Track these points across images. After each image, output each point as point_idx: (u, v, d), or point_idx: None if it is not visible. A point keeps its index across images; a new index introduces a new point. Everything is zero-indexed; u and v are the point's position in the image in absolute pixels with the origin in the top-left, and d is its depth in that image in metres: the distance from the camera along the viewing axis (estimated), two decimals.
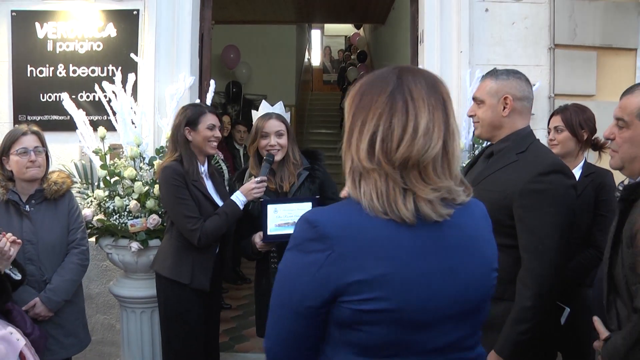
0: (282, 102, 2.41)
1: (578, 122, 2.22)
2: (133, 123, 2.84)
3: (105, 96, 2.88)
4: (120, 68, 3.06)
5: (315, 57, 15.30)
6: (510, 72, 1.75)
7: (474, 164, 1.88)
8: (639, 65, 3.22)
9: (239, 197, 2.20)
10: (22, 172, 2.19)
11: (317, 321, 0.90)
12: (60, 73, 3.16)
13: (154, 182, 2.65)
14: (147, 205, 2.60)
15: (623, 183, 1.54)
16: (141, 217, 2.62)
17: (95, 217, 2.64)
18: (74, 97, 3.04)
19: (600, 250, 1.84)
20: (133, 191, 2.62)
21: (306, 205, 2.08)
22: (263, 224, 2.12)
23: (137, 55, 3.05)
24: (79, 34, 3.17)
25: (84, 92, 3.16)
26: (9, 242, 1.88)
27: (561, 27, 3.15)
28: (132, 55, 3.03)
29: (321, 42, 16.15)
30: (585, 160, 2.25)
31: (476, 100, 1.78)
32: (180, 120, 2.29)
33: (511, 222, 1.59)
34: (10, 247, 1.87)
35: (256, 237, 2.18)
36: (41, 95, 3.16)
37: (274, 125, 2.24)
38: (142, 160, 2.76)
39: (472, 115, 1.80)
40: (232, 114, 7.67)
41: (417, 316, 0.87)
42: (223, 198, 2.32)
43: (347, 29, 14.64)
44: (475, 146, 2.78)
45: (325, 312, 0.90)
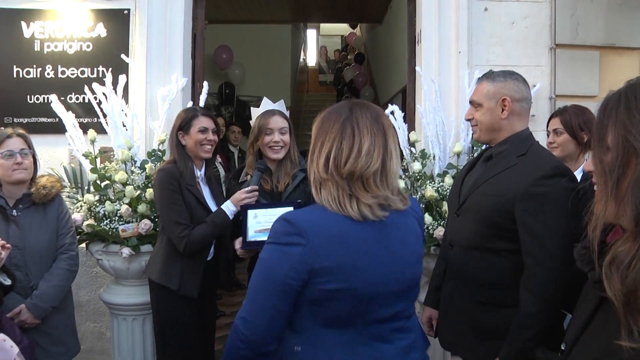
0: (283, 100, 2.41)
1: (578, 123, 2.23)
2: (124, 125, 2.84)
3: (96, 98, 2.88)
4: (110, 69, 3.05)
5: (310, 57, 15.31)
6: (507, 73, 1.76)
7: (472, 166, 1.88)
8: None
9: (228, 207, 2.20)
10: (8, 175, 2.18)
11: (292, 298, 1.18)
12: (49, 74, 3.15)
13: (146, 186, 2.64)
14: (139, 209, 2.59)
15: None
16: (132, 222, 2.61)
17: (85, 222, 2.63)
18: (62, 98, 3.04)
19: None
20: (124, 195, 2.62)
21: (288, 209, 2.03)
22: (243, 230, 2.11)
23: (128, 56, 3.04)
24: (68, 33, 3.16)
25: (74, 93, 3.14)
26: None
27: (562, 27, 3.16)
28: (123, 56, 3.02)
29: (317, 42, 16.16)
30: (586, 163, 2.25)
31: (473, 104, 1.79)
32: (175, 125, 2.34)
33: (512, 226, 1.60)
34: (1, 251, 1.86)
35: (237, 242, 2.17)
36: (28, 97, 3.15)
37: (278, 121, 2.24)
38: (133, 163, 2.75)
39: (469, 119, 1.81)
40: (226, 116, 7.66)
41: (367, 293, 1.18)
42: (219, 205, 2.32)
43: (343, 28, 14.66)
44: (474, 149, 2.78)
45: (299, 292, 1.17)
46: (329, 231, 1.17)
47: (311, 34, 15.60)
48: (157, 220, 2.53)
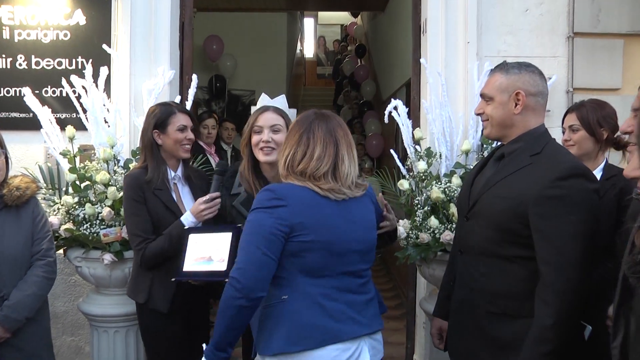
0: (284, 96, 2.35)
1: (596, 119, 2.21)
2: (106, 122, 2.83)
3: (74, 92, 2.86)
4: (91, 60, 3.03)
5: (308, 48, 15.32)
6: (522, 65, 1.75)
7: (483, 166, 1.87)
8: None
9: (187, 218, 2.16)
10: None
11: (278, 248, 1.56)
12: (21, 65, 3.12)
13: None
14: (122, 213, 2.56)
15: None
16: (115, 226, 2.59)
17: (63, 226, 2.61)
18: (37, 92, 3.02)
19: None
20: (106, 197, 2.60)
21: (225, 235, 1.95)
22: (182, 257, 2.02)
23: (109, 46, 3.02)
24: (42, 20, 3.13)
25: (50, 86, 3.12)
26: None
27: (582, 13, 3.13)
28: (104, 46, 3.00)
29: (315, 32, 16.17)
30: (606, 162, 2.23)
31: (484, 97, 1.78)
32: (149, 123, 2.28)
33: (526, 232, 1.59)
34: None
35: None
36: None
37: (269, 118, 2.09)
38: (116, 163, 2.74)
39: (479, 114, 1.80)
40: (217, 111, 7.64)
41: (335, 247, 1.60)
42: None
43: (343, 17, 14.66)
44: (483, 147, 2.77)
45: (283, 243, 1.56)
46: (302, 197, 1.60)
47: (309, 23, 15.61)
48: None
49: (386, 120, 2.85)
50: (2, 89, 3.12)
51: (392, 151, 2.98)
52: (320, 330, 1.57)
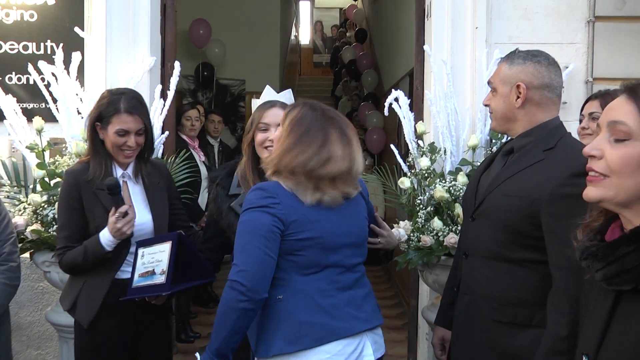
0: (290, 90, 2.33)
1: None
2: (79, 113, 2.81)
3: (43, 79, 2.84)
4: (61, 45, 3.00)
5: (304, 34, 15.30)
6: (530, 54, 1.76)
7: (490, 162, 1.88)
8: None
9: (105, 235, 2.12)
10: None
11: (276, 246, 1.62)
12: None
13: None
14: None
15: None
16: None
17: (30, 228, 2.59)
18: (0, 79, 2.99)
19: None
20: None
21: (165, 246, 2.01)
22: (131, 274, 2.09)
23: (82, 29, 3.00)
24: None
25: (14, 73, 3.10)
26: None
27: None
28: (77, 29, 2.97)
29: (311, 17, 16.15)
30: None
31: (490, 87, 1.82)
32: (92, 113, 2.21)
33: (537, 233, 1.59)
34: None
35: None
36: None
37: (276, 115, 2.04)
38: None
39: (487, 105, 1.83)
40: (204, 102, 7.61)
41: (330, 242, 1.68)
42: (154, 207, 2.25)
43: (341, 0, 14.65)
44: (492, 142, 2.77)
45: (280, 240, 1.63)
46: (290, 195, 1.67)
47: (304, 7, 15.59)
48: None
49: (386, 112, 2.84)
50: None
51: (392, 146, 2.97)
52: (317, 327, 1.64)
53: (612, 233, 1.11)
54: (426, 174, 2.70)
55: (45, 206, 2.61)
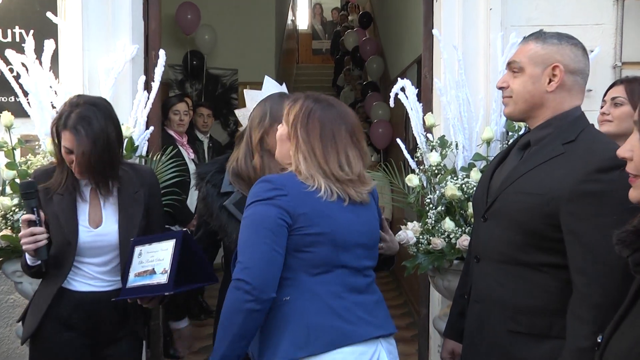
0: (284, 84, 2.38)
1: None
2: (53, 107, 2.80)
3: (12, 70, 2.83)
4: (32, 32, 2.96)
5: (302, 18, 15.31)
6: (563, 35, 1.76)
7: (504, 157, 1.88)
8: None
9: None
10: None
11: (284, 241, 1.64)
12: None
13: None
14: None
15: None
16: None
17: None
18: None
19: None
20: None
21: (168, 244, 2.05)
22: (125, 274, 2.11)
23: (56, 15, 3.00)
24: None
25: None
26: None
27: None
28: (49, 14, 2.97)
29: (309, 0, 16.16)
30: None
31: (512, 67, 1.78)
32: (54, 118, 2.21)
33: (557, 234, 1.60)
34: None
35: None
36: None
37: None
38: None
39: (503, 87, 1.80)
40: (193, 94, 7.63)
41: (341, 239, 1.69)
42: (122, 218, 2.22)
43: None
44: (509, 134, 2.77)
45: (287, 235, 1.64)
46: (301, 189, 1.68)
47: None
48: None
49: (392, 104, 2.84)
50: None
51: (398, 140, 2.97)
52: (328, 331, 1.63)
53: None
54: (436, 171, 2.70)
55: (16, 210, 2.60)
